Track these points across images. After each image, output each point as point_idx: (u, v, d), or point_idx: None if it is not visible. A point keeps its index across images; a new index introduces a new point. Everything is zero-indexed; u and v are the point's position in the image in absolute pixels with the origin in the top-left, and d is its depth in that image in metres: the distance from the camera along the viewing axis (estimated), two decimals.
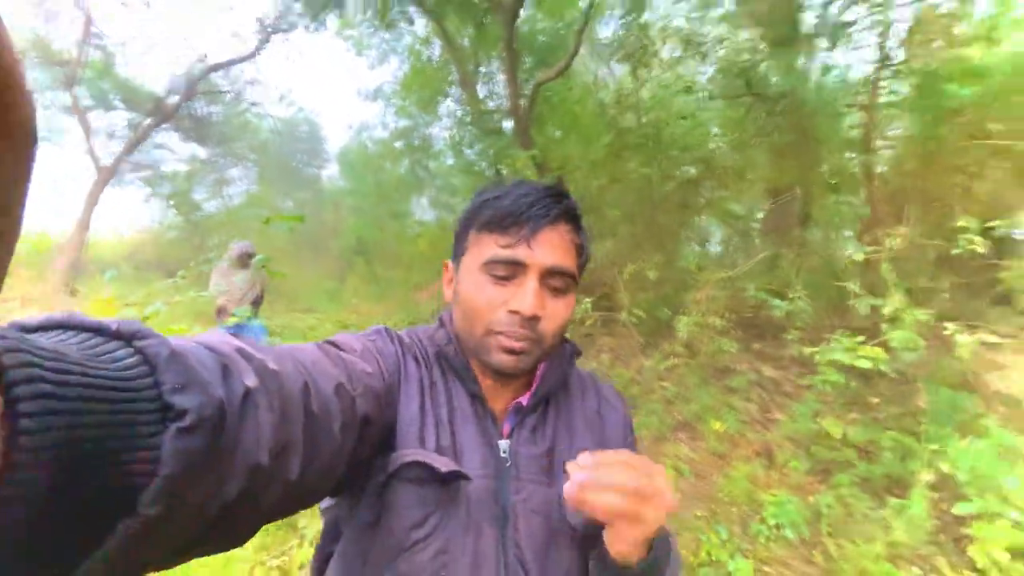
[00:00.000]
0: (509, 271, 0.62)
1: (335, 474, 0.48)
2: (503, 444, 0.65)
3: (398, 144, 9.03)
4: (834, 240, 4.15)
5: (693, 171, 4.43)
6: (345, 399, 0.49)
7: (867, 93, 3.62)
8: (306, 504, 0.47)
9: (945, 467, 2.16)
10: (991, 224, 2.48)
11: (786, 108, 3.83)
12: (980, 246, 2.34)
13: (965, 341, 2.29)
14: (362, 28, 7.60)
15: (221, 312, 4.02)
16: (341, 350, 0.58)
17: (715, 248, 5.18)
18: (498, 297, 0.62)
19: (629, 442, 0.75)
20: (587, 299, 4.38)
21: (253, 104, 11.90)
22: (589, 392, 0.76)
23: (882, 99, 3.60)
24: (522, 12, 4.91)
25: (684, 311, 3.78)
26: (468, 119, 7.37)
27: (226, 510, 0.32)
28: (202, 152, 13.93)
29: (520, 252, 0.62)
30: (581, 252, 0.67)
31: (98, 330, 0.29)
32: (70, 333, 0.28)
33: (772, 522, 2.48)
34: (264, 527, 0.40)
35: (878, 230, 2.94)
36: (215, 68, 9.52)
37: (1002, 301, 3.32)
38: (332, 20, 7.45)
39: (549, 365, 0.71)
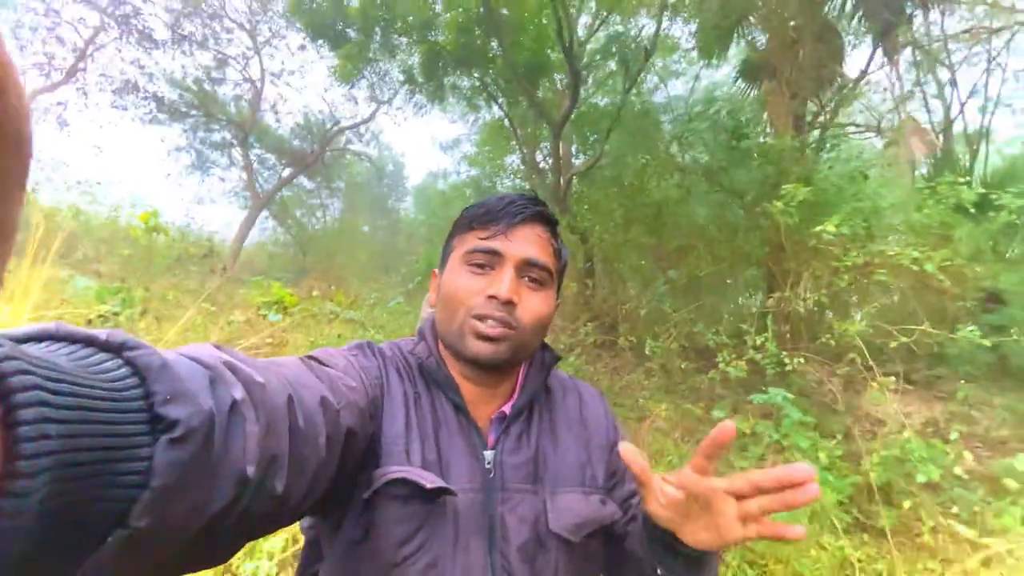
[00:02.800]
0: (487, 260, 0.65)
1: (320, 488, 0.47)
2: (488, 455, 0.64)
3: (468, 190, 11.30)
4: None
5: (677, 242, 6.20)
6: (330, 412, 0.48)
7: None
8: (291, 519, 0.47)
9: None
10: None
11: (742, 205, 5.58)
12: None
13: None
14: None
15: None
16: (323, 364, 0.57)
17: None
18: (477, 284, 0.65)
19: (612, 437, 0.74)
20: (590, 323, 6.19)
21: (358, 153, 14.78)
22: (570, 394, 0.76)
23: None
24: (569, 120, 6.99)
25: (655, 338, 5.50)
26: (524, 178, 9.56)
27: (212, 523, 0.32)
28: (307, 183, 17.00)
29: (497, 243, 0.65)
30: (559, 255, 0.69)
31: (87, 341, 0.28)
32: (59, 344, 0.28)
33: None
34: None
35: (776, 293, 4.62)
36: (342, 130, 12.44)
37: None
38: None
39: (529, 372, 0.72)
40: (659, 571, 0.59)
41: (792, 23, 7.98)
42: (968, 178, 4.48)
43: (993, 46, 8.45)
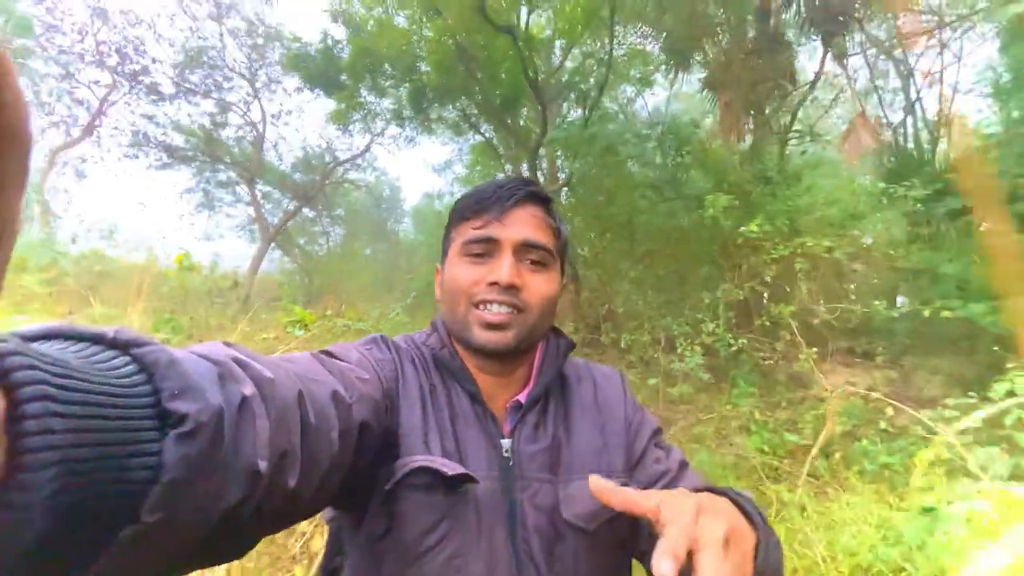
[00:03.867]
0: (484, 248, 0.65)
1: (334, 482, 0.47)
2: (505, 443, 0.64)
3: None
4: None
5: (646, 246, 6.92)
6: (342, 406, 0.48)
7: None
8: (306, 514, 0.47)
9: None
10: None
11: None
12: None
13: None
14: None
15: None
16: (336, 359, 0.58)
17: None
18: (477, 273, 0.64)
19: (630, 416, 0.73)
20: (578, 324, 6.90)
21: (355, 182, 15.67)
22: (585, 381, 0.74)
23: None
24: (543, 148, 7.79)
25: (630, 333, 6.20)
26: None
27: (226, 519, 0.32)
28: (309, 212, 17.85)
29: (492, 229, 0.64)
30: (557, 234, 0.68)
31: (95, 339, 0.29)
32: (68, 342, 0.28)
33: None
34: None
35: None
36: (340, 163, 13.32)
37: None
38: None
39: (544, 360, 0.71)
40: None
41: (749, 35, 8.82)
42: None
43: (948, 36, 9.03)
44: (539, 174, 9.13)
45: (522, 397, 0.68)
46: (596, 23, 6.88)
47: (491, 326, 0.63)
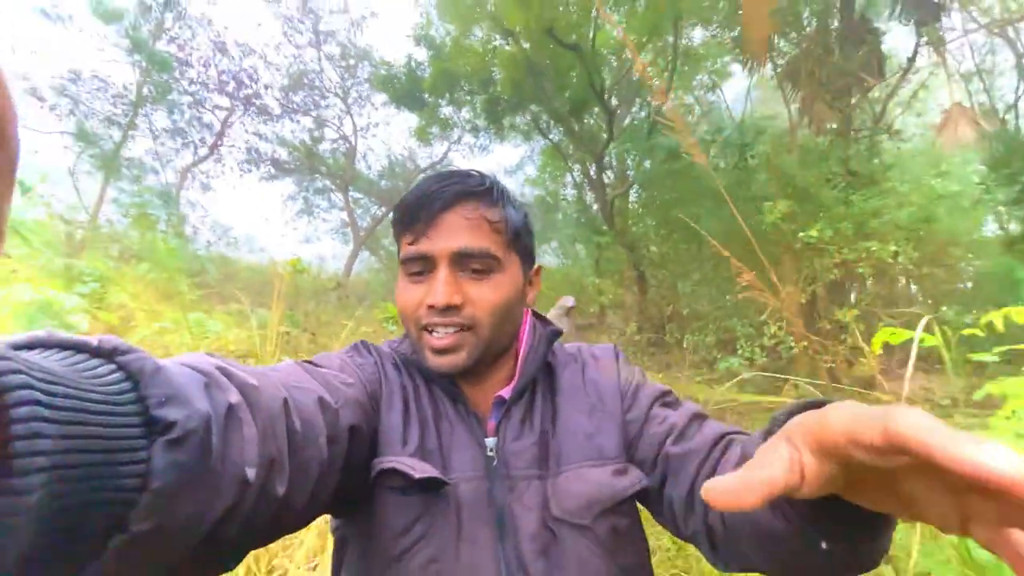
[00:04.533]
0: (420, 266, 0.60)
1: (327, 489, 0.47)
2: (490, 442, 0.61)
3: (533, 208, 12.58)
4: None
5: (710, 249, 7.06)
6: (328, 412, 0.48)
7: None
8: (298, 523, 0.46)
9: None
10: None
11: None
12: None
13: None
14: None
15: None
16: (318, 366, 0.56)
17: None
18: (417, 293, 0.60)
19: (624, 386, 0.67)
20: (643, 323, 7.17)
21: None
22: (571, 364, 0.70)
23: None
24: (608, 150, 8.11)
25: (693, 334, 6.40)
26: (581, 195, 10.76)
27: (215, 529, 0.32)
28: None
29: (423, 245, 0.59)
30: (504, 227, 0.61)
31: (79, 347, 0.28)
32: (51, 351, 0.28)
33: None
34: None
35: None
36: (421, 170, 14.44)
37: None
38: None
39: (528, 354, 0.67)
40: (822, 544, 0.39)
41: (834, 26, 8.51)
42: None
43: None
44: (606, 175, 9.41)
45: (505, 393, 0.64)
46: (663, 29, 7.08)
47: (439, 351, 0.59)
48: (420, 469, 0.55)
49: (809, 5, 8.16)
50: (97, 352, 0.29)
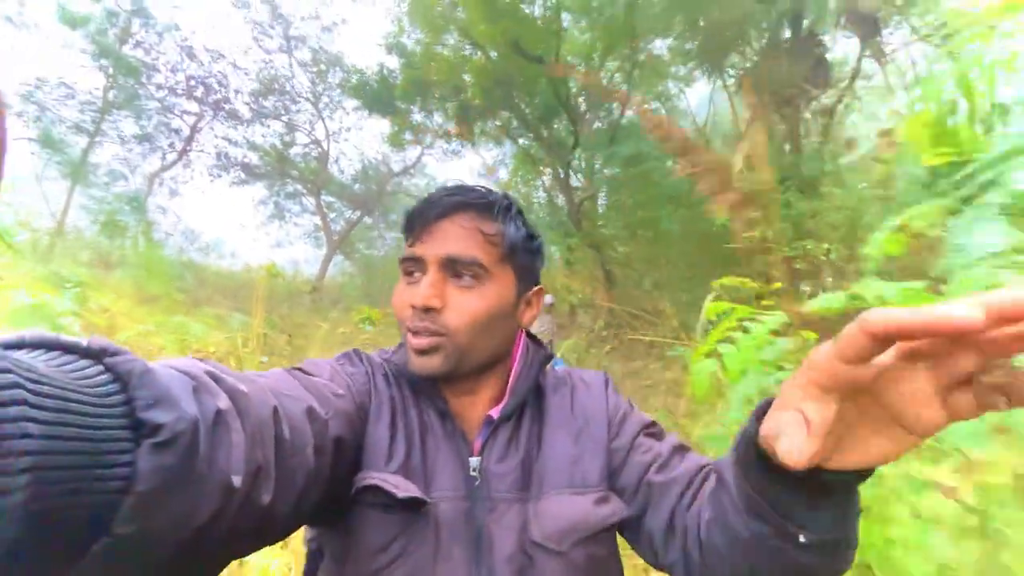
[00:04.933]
0: (414, 267, 0.62)
1: (311, 499, 0.47)
2: (473, 461, 0.61)
3: None
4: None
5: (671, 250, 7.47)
6: (317, 422, 0.48)
7: None
8: (282, 533, 0.46)
9: None
10: None
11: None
12: None
13: None
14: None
15: None
16: (309, 375, 0.56)
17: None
18: (407, 295, 0.62)
19: (611, 414, 0.67)
20: (609, 320, 7.54)
21: (408, 191, 16.97)
22: (561, 388, 0.71)
23: None
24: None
25: (657, 332, 6.79)
26: (552, 198, 11.13)
27: (198, 536, 0.31)
28: (367, 219, 19.32)
29: (417, 248, 0.61)
30: (499, 240, 0.62)
31: (68, 348, 0.28)
32: (39, 352, 0.28)
33: None
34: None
35: None
36: (394, 174, 14.60)
37: None
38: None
39: (519, 375, 0.67)
40: (800, 538, 0.41)
41: (784, 38, 9.08)
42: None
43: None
44: (576, 177, 9.78)
45: (494, 412, 0.64)
46: (621, 42, 7.50)
47: (417, 352, 0.60)
48: (403, 488, 0.55)
49: (762, 19, 8.69)
50: (86, 353, 0.29)
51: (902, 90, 9.96)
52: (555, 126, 9.35)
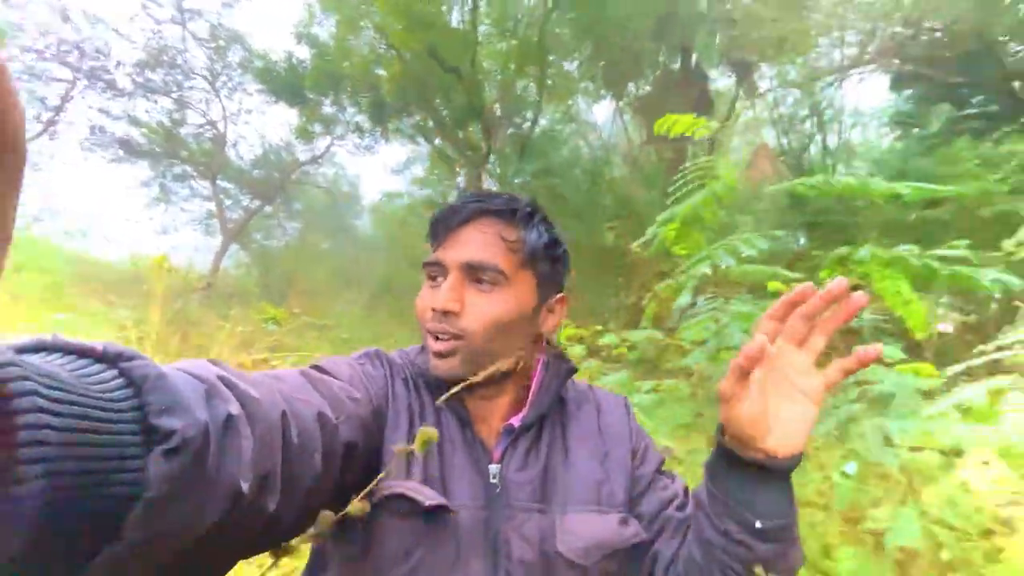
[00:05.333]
0: (436, 272, 0.63)
1: (316, 504, 0.46)
2: (493, 469, 0.62)
3: (421, 207, 12.58)
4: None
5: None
6: (327, 427, 0.48)
7: None
8: (286, 537, 0.46)
9: None
10: None
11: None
12: None
13: None
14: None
15: None
16: (327, 374, 0.57)
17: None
18: (428, 299, 0.63)
19: (634, 443, 0.70)
20: None
21: (314, 182, 16.26)
22: (586, 405, 0.72)
23: None
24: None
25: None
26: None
27: (204, 540, 0.32)
28: (266, 207, 18.15)
29: (439, 253, 0.63)
30: (520, 247, 0.63)
31: (82, 352, 0.29)
32: (55, 355, 0.28)
33: None
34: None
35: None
36: (301, 164, 13.92)
37: None
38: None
39: (542, 383, 0.68)
40: (756, 524, 0.51)
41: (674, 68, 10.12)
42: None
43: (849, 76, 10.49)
44: (489, 182, 10.13)
45: (515, 421, 0.65)
46: (532, 61, 7.98)
47: (436, 354, 0.61)
48: (429, 496, 0.56)
49: (656, 53, 9.65)
50: (101, 357, 0.29)
51: (770, 124, 11.59)
52: (470, 129, 9.64)
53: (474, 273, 0.62)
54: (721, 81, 10.82)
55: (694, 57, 10.15)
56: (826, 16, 8.35)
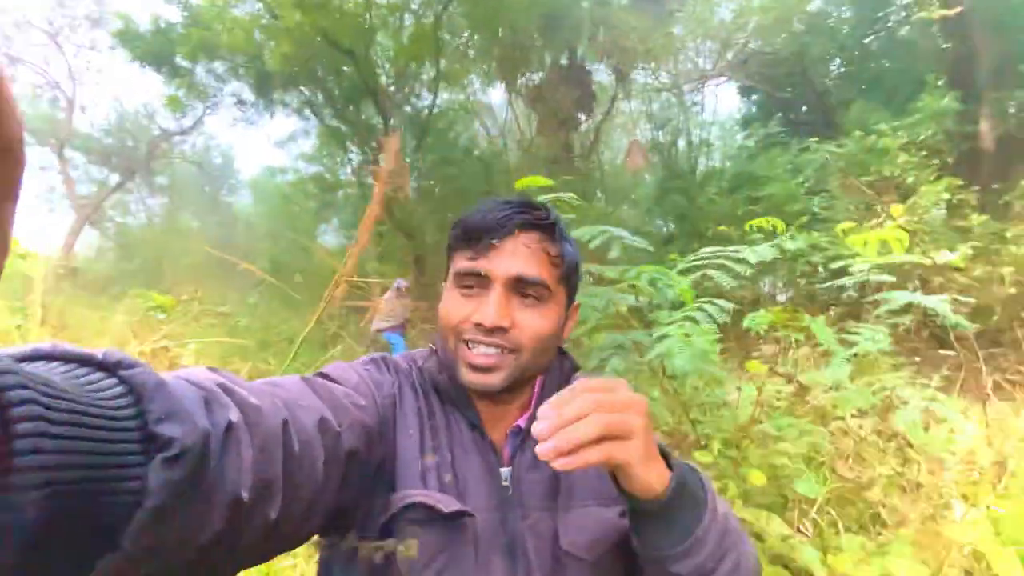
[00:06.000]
0: (475, 282, 0.62)
1: (319, 513, 0.46)
2: (504, 472, 0.62)
3: (311, 185, 11.95)
4: None
5: None
6: (329, 434, 0.48)
7: None
8: (288, 545, 0.46)
9: None
10: None
11: None
12: None
13: None
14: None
15: (382, 332, 5.23)
16: (333, 381, 0.57)
17: None
18: (465, 308, 0.62)
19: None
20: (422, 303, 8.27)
21: (183, 155, 14.64)
22: None
23: None
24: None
25: None
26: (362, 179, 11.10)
27: (205, 549, 0.32)
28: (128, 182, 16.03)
29: (481, 263, 0.61)
30: (558, 262, 0.64)
31: (82, 360, 0.29)
32: (55, 363, 0.28)
33: None
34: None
35: None
36: (169, 135, 12.47)
37: None
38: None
39: (547, 383, 0.68)
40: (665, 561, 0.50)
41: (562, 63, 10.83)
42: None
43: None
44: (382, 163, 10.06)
45: (522, 422, 0.65)
46: (426, 49, 8.12)
47: (477, 368, 0.60)
48: (446, 503, 0.57)
49: (545, 48, 10.26)
50: (101, 365, 0.29)
51: (644, 119, 12.88)
52: (364, 111, 9.51)
53: (521, 287, 0.62)
54: (604, 77, 11.75)
55: (580, 55, 10.98)
56: (686, 31, 9.58)
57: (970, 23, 6.44)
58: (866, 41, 8.10)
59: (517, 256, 0.61)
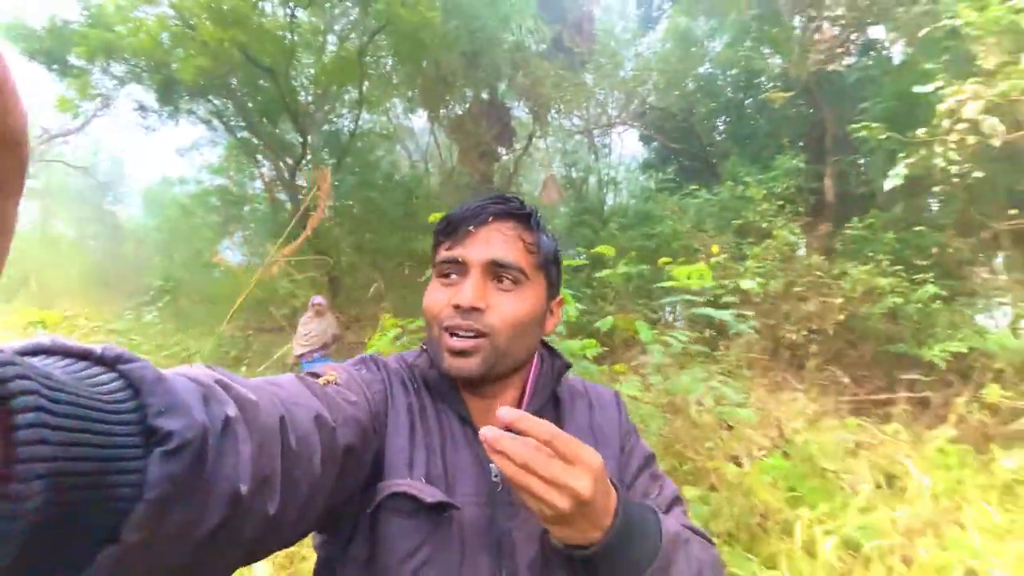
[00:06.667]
0: (453, 270, 0.64)
1: (316, 509, 0.47)
2: (494, 467, 0.62)
3: (214, 198, 11.31)
4: None
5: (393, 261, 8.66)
6: (325, 430, 0.48)
7: None
8: (286, 541, 0.46)
9: None
10: None
11: None
12: None
13: None
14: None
15: (302, 358, 4.96)
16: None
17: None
18: (445, 296, 0.63)
19: (623, 440, 0.72)
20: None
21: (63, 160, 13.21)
22: (579, 401, 0.74)
23: None
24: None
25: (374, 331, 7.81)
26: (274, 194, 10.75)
27: (204, 543, 0.32)
28: None
29: (458, 251, 0.63)
30: (535, 249, 0.66)
31: (82, 354, 0.29)
32: (54, 357, 0.29)
33: None
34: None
35: None
36: (53, 137, 11.27)
37: None
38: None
39: (538, 381, 0.70)
40: None
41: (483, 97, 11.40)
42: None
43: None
44: (302, 179, 9.91)
45: None
46: (349, 75, 8.28)
47: (456, 352, 0.61)
48: (430, 493, 0.57)
49: (467, 83, 10.80)
50: (100, 360, 0.30)
51: (559, 157, 13.82)
52: (281, 127, 9.36)
53: (497, 272, 0.63)
54: (523, 114, 12.49)
55: (500, 93, 11.65)
56: (595, 82, 10.62)
57: (818, 95, 7.87)
58: (747, 103, 9.47)
59: (492, 242, 0.63)
